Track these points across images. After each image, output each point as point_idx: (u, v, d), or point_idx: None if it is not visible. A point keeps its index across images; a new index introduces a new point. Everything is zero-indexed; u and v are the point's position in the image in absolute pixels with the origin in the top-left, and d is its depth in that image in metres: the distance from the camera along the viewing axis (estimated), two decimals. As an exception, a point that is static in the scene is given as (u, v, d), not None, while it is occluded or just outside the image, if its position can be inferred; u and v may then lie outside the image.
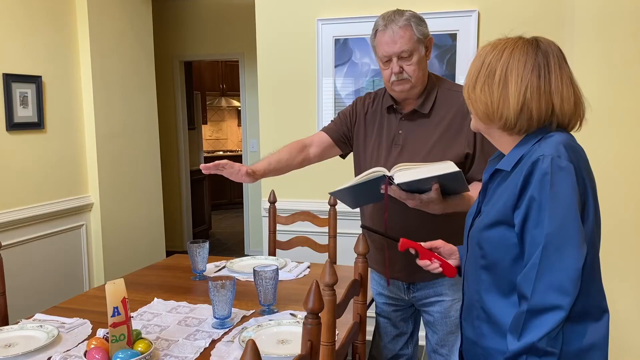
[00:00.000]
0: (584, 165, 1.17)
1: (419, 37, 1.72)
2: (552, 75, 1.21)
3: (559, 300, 1.08)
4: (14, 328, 1.68)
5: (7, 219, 3.11)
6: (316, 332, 1.20)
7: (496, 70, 1.21)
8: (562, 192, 1.11)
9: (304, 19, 3.20)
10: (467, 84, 1.27)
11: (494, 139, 1.31)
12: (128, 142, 4.08)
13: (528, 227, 1.14)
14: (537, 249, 1.11)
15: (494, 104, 1.21)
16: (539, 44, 1.24)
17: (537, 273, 1.10)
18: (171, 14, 5.67)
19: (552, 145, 1.15)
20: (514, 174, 1.20)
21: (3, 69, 3.10)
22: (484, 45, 1.29)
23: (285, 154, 1.96)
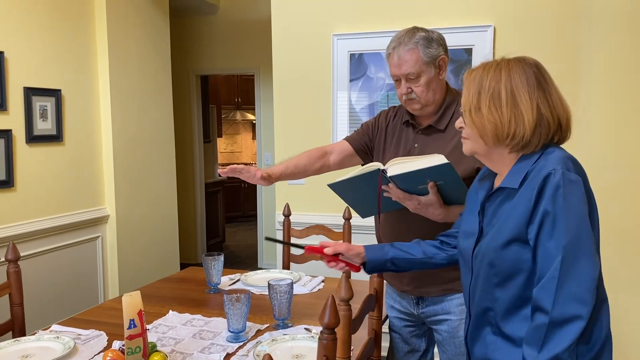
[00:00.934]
0: (585, 176, 1.20)
1: (427, 59, 1.73)
2: (551, 88, 1.24)
3: (579, 310, 1.10)
4: (31, 339, 1.70)
5: (25, 230, 3.15)
6: (332, 347, 1.19)
7: (500, 91, 1.21)
8: (575, 204, 1.13)
9: (319, 34, 3.22)
10: (469, 108, 1.26)
11: (491, 159, 1.30)
12: (144, 155, 4.13)
13: (542, 240, 1.15)
14: (554, 261, 1.12)
15: (504, 124, 1.21)
16: (528, 61, 1.26)
17: (557, 285, 1.11)
18: (188, 29, 5.75)
19: (558, 159, 1.17)
20: (522, 191, 1.20)
21: (24, 83, 3.16)
22: (471, 69, 1.29)
23: (303, 160, 1.99)
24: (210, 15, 5.65)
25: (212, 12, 5.62)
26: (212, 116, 6.83)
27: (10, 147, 3.07)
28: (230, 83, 8.55)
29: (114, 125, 3.78)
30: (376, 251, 1.57)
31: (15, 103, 3.12)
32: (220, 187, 6.78)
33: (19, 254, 1.90)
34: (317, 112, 3.27)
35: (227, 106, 8.73)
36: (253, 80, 5.85)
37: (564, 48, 2.81)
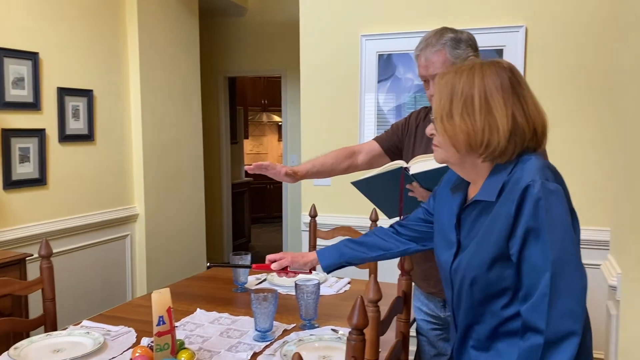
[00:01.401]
0: (564, 183, 1.16)
1: (454, 60, 1.71)
2: (527, 94, 1.17)
3: (573, 326, 1.06)
4: (62, 334, 1.73)
5: (57, 228, 3.22)
6: (360, 348, 1.18)
7: (474, 97, 1.14)
8: (558, 216, 1.09)
9: (347, 35, 3.22)
10: (440, 115, 1.19)
11: (464, 168, 1.24)
12: (173, 155, 4.18)
13: (526, 256, 1.10)
14: (542, 278, 1.07)
15: (477, 133, 1.14)
16: (503, 64, 1.19)
17: (550, 303, 1.06)
18: (217, 31, 5.81)
19: (536, 169, 1.12)
20: (499, 204, 1.15)
21: (57, 83, 3.23)
22: (443, 73, 1.23)
23: (331, 159, 1.99)
24: (239, 17, 5.70)
25: (241, 14, 5.66)
26: (239, 118, 6.88)
27: (44, 146, 3.14)
28: (257, 85, 8.60)
29: (144, 125, 3.84)
30: (331, 257, 1.62)
31: (48, 103, 3.19)
32: (247, 187, 6.83)
33: (51, 250, 1.94)
34: (344, 113, 3.26)
35: (253, 108, 8.80)
36: (279, 82, 5.87)
37: (599, 50, 2.75)
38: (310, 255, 1.68)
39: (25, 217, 3.05)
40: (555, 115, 2.83)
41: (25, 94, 3.03)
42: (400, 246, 1.58)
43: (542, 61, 2.85)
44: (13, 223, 2.98)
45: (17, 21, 2.98)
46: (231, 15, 5.69)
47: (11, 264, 2.48)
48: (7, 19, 2.92)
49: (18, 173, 3.00)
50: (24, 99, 3.03)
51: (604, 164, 2.79)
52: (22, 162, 3.02)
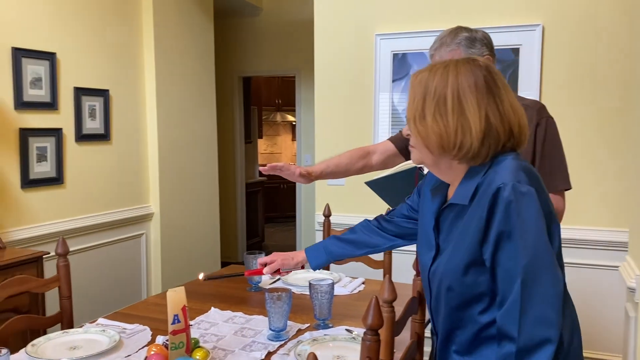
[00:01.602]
0: (540, 183, 1.12)
1: None
2: (503, 93, 1.14)
3: (547, 333, 1.02)
4: (79, 331, 1.74)
5: (73, 226, 3.25)
6: (375, 349, 1.17)
7: (447, 97, 1.11)
8: (529, 219, 1.05)
9: (362, 34, 3.21)
10: (413, 115, 1.16)
11: (440, 170, 1.21)
12: (188, 155, 4.20)
13: (500, 261, 1.08)
14: (515, 284, 1.04)
15: (450, 135, 1.11)
16: (479, 63, 1.15)
17: (521, 309, 1.03)
18: (232, 31, 5.83)
19: (509, 171, 1.09)
20: (472, 207, 1.12)
21: (74, 83, 3.26)
22: (418, 71, 1.19)
23: (345, 159, 1.99)
24: (253, 17, 5.71)
25: (255, 14, 5.68)
26: (253, 117, 6.90)
27: (61, 146, 3.17)
28: (271, 84, 8.62)
29: (160, 125, 3.86)
30: (320, 257, 1.68)
31: (65, 103, 3.23)
32: (260, 187, 6.84)
33: (68, 248, 1.96)
34: (359, 113, 3.25)
35: (267, 107, 8.82)
36: (293, 82, 5.88)
37: (616, 49, 2.71)
38: (299, 255, 1.72)
39: (42, 215, 3.09)
40: (571, 115, 2.80)
41: (43, 94, 3.07)
42: (387, 242, 1.62)
43: (559, 60, 2.82)
44: (30, 221, 3.02)
45: (35, 22, 3.02)
46: (246, 16, 5.71)
47: (28, 262, 2.50)
48: (25, 20, 2.96)
49: (35, 172, 3.04)
50: (41, 98, 3.06)
51: (622, 164, 2.75)
52: (39, 161, 3.05)
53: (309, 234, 5.61)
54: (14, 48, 2.89)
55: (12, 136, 2.91)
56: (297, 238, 5.89)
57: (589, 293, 2.86)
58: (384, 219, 1.64)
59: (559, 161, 1.73)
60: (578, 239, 2.81)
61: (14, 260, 2.44)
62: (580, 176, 2.70)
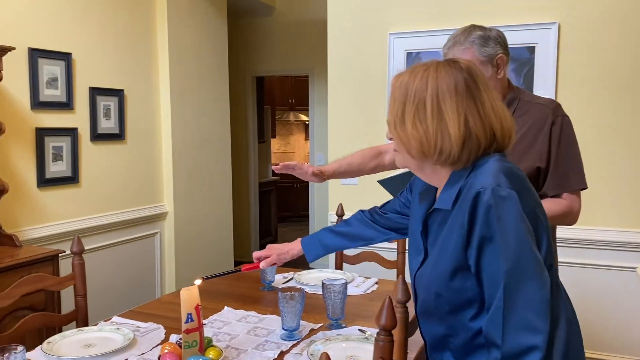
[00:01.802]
0: (524, 186, 1.09)
1: (483, 58, 1.68)
2: (484, 96, 1.11)
3: (533, 340, 0.99)
4: (93, 329, 1.75)
5: (88, 225, 3.28)
6: (388, 349, 1.17)
7: (426, 101, 1.09)
8: (510, 223, 1.02)
9: (375, 33, 3.20)
10: (393, 121, 1.15)
11: (425, 174, 1.20)
12: (202, 154, 4.22)
13: (484, 266, 1.06)
14: (498, 290, 1.02)
15: (430, 140, 1.09)
16: (460, 64, 1.13)
17: (504, 316, 1.01)
18: (245, 31, 5.84)
19: (489, 174, 1.06)
20: (455, 212, 1.11)
21: (89, 83, 3.29)
22: (399, 73, 1.17)
23: (358, 159, 1.99)
24: (267, 16, 5.72)
25: (269, 14, 5.68)
26: (267, 117, 6.91)
27: (76, 145, 3.20)
28: (284, 84, 8.63)
29: (174, 124, 3.89)
30: (316, 250, 1.71)
31: (81, 102, 3.26)
32: (273, 186, 6.85)
33: (83, 247, 1.97)
34: (372, 112, 3.24)
35: (280, 107, 8.83)
36: (306, 82, 5.88)
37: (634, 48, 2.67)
38: (294, 248, 1.76)
39: (58, 214, 3.12)
40: (587, 114, 2.77)
41: (59, 94, 3.10)
42: (381, 236, 1.66)
43: (575, 59, 2.79)
44: (46, 220, 3.05)
45: (51, 23, 3.05)
46: (259, 15, 5.72)
47: (44, 260, 2.53)
48: (41, 21, 2.99)
49: (51, 171, 3.07)
50: (57, 98, 3.09)
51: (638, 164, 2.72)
52: (55, 160, 3.09)
53: (322, 233, 5.60)
54: (31, 48, 2.92)
55: (28, 136, 2.95)
56: (310, 237, 5.89)
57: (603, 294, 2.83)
58: (377, 213, 1.65)
59: (574, 160, 1.71)
60: (593, 239, 2.78)
61: (30, 259, 2.47)
62: (596, 176, 2.67)
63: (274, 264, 1.78)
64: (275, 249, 1.78)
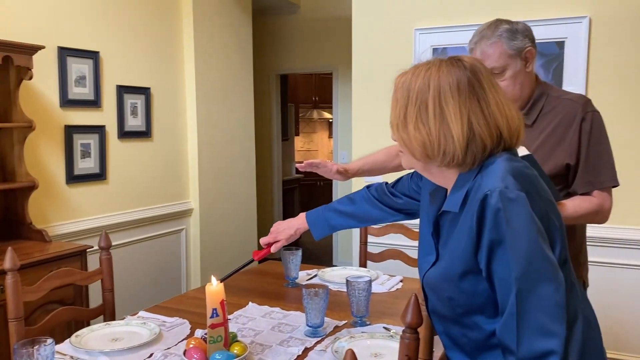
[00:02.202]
0: (534, 185, 1.05)
1: (511, 52, 1.65)
2: (489, 94, 1.07)
3: (549, 344, 0.96)
4: (120, 323, 1.78)
5: (116, 221, 3.33)
6: (414, 347, 1.15)
7: (428, 102, 1.07)
8: (520, 226, 0.99)
9: (401, 29, 3.17)
10: (396, 123, 1.13)
11: (432, 175, 1.17)
12: (226, 151, 4.25)
13: (495, 270, 1.03)
14: (510, 296, 0.99)
15: (433, 142, 1.07)
16: (464, 62, 1.09)
17: (518, 321, 0.98)
18: (269, 29, 5.86)
19: (496, 176, 1.03)
20: (464, 215, 1.07)
21: (116, 81, 3.34)
22: (401, 73, 1.14)
23: (382, 156, 1.97)
24: (292, 14, 5.73)
25: (293, 12, 5.69)
26: (290, 115, 6.92)
27: (104, 142, 3.25)
28: (308, 82, 8.63)
29: (199, 122, 3.92)
30: (323, 229, 1.76)
31: (108, 100, 3.30)
32: (297, 184, 6.86)
33: (110, 242, 2.00)
34: (397, 109, 3.22)
35: (304, 105, 8.83)
36: (330, 79, 5.87)
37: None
38: (301, 225, 1.82)
39: (86, 210, 3.17)
40: (619, 110, 2.70)
41: (87, 92, 3.15)
42: (389, 217, 1.67)
43: (607, 54, 2.72)
44: (75, 216, 3.11)
45: (79, 22, 3.10)
46: (284, 13, 5.73)
47: (73, 255, 2.58)
48: (69, 20, 3.04)
49: (80, 168, 3.12)
50: (85, 96, 3.14)
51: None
52: (83, 157, 3.14)
53: (346, 231, 5.59)
54: (60, 47, 2.97)
55: (57, 133, 3.00)
56: (333, 236, 5.88)
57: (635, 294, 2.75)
58: (386, 194, 1.63)
59: (605, 157, 1.67)
60: (625, 238, 2.71)
61: (59, 254, 2.51)
62: (628, 173, 2.60)
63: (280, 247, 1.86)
64: (283, 232, 1.83)
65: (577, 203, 1.62)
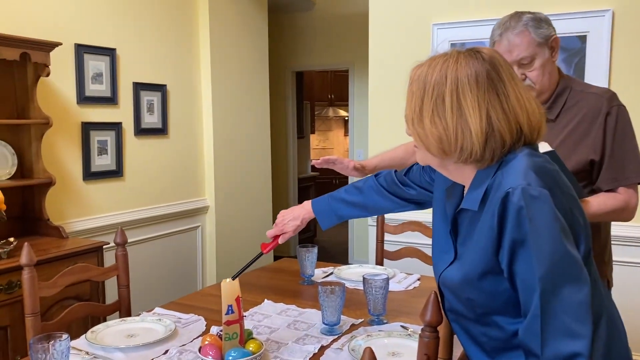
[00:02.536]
0: (557, 181, 1.01)
1: (540, 40, 1.60)
2: (509, 88, 1.03)
3: (575, 347, 0.92)
4: (136, 319, 1.77)
5: (133, 218, 3.34)
6: (433, 346, 1.12)
7: (445, 95, 1.03)
8: (543, 224, 0.95)
9: (418, 24, 3.13)
10: (411, 117, 1.09)
11: (449, 171, 1.13)
12: (242, 149, 4.24)
13: (517, 271, 0.99)
14: (534, 296, 0.96)
15: (450, 137, 1.03)
16: (482, 54, 1.05)
17: (542, 324, 0.95)
18: (285, 26, 5.84)
19: (518, 172, 0.99)
20: (484, 213, 1.04)
21: (133, 78, 3.34)
22: (417, 65, 1.10)
23: (400, 153, 1.94)
24: (307, 11, 5.71)
25: (309, 9, 5.67)
26: (306, 112, 6.91)
27: (120, 139, 3.26)
28: (324, 79, 8.61)
29: (215, 119, 3.92)
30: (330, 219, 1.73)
31: (125, 97, 3.31)
32: (313, 182, 6.84)
33: (126, 238, 2.00)
34: (414, 105, 3.18)
35: (320, 102, 8.81)
36: (346, 77, 5.84)
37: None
38: (307, 215, 1.78)
39: (102, 207, 3.19)
40: (646, 104, 2.62)
41: (104, 89, 3.16)
42: (398, 208, 1.63)
43: (631, 48, 2.65)
44: (92, 213, 3.12)
45: (96, 19, 3.11)
46: (299, 10, 5.71)
47: (89, 251, 2.59)
48: (87, 17, 3.05)
49: (96, 165, 3.13)
50: (102, 93, 3.15)
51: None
52: (100, 154, 3.15)
53: (362, 229, 5.56)
54: (77, 44, 2.98)
55: (75, 130, 3.02)
56: (349, 234, 5.86)
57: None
58: (396, 184, 1.59)
59: (631, 152, 1.62)
60: (650, 237, 2.64)
61: (76, 250, 2.52)
62: None
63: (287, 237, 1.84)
64: (289, 224, 1.80)
65: (602, 200, 1.57)
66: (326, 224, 1.74)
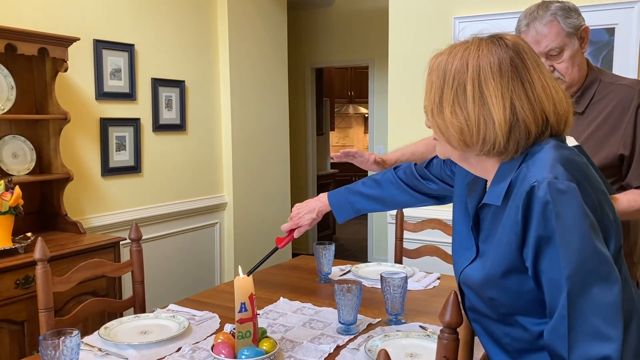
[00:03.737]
0: (586, 174, 0.94)
1: (569, 30, 1.54)
2: (534, 76, 0.97)
3: (604, 349, 0.87)
4: (150, 316, 1.75)
5: (151, 214, 3.33)
6: (453, 348, 1.07)
7: (466, 84, 0.97)
8: (571, 220, 0.89)
9: (439, 18, 3.06)
10: (430, 107, 1.04)
11: (470, 165, 1.08)
12: (260, 146, 4.22)
13: (543, 269, 0.93)
14: (561, 296, 0.90)
15: (471, 128, 0.98)
16: (505, 41, 0.99)
17: (569, 325, 0.89)
18: (304, 22, 5.81)
19: (544, 165, 0.93)
20: (507, 208, 0.98)
21: (151, 74, 3.34)
22: (437, 54, 1.04)
23: (421, 147, 1.90)
24: (327, 7, 5.66)
25: (328, 4, 5.62)
26: (325, 109, 6.87)
27: (139, 135, 3.26)
28: (344, 76, 8.56)
29: (233, 116, 3.90)
30: (347, 213, 1.69)
31: (143, 93, 3.31)
32: (332, 179, 6.80)
33: (141, 234, 1.98)
34: (435, 101, 3.11)
35: (340, 99, 8.77)
36: (366, 74, 5.78)
37: None
38: (323, 207, 1.74)
39: (121, 203, 3.19)
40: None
41: (122, 85, 3.16)
42: (417, 203, 1.59)
43: (662, 40, 2.55)
44: (109, 209, 3.12)
45: (115, 14, 3.11)
46: (319, 6, 5.66)
47: (106, 247, 2.58)
48: (106, 13, 3.05)
49: (115, 160, 3.13)
50: (120, 89, 3.15)
51: None
52: (118, 150, 3.15)
53: (381, 226, 5.51)
54: (95, 40, 2.98)
55: (93, 126, 3.02)
56: (368, 232, 5.80)
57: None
58: (416, 177, 1.54)
59: None
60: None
61: (93, 245, 2.52)
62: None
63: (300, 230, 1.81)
64: (304, 217, 1.75)
65: (632, 197, 1.50)
66: (342, 217, 1.70)
